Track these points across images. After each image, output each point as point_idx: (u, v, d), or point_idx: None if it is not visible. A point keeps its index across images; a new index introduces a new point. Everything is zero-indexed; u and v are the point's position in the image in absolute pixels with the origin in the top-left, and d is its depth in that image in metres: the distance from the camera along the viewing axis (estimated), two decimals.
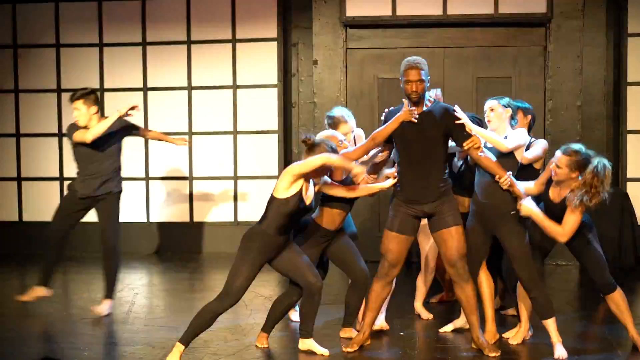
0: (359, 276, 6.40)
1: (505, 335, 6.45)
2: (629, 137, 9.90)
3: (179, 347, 5.81)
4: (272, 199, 5.85)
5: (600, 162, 5.81)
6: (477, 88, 9.90)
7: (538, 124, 9.68)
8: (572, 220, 5.82)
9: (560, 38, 9.67)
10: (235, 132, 10.47)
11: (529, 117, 6.85)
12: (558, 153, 5.91)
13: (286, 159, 10.37)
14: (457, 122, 5.98)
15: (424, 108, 6.03)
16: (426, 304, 7.40)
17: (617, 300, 6.11)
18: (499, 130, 6.27)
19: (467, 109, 9.88)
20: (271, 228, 5.82)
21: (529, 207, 5.92)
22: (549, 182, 6.03)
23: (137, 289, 8.52)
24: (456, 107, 6.07)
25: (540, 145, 6.64)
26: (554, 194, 5.98)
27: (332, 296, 7.65)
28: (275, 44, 10.32)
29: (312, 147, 5.97)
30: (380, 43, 10.05)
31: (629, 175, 9.91)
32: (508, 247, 6.09)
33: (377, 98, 10.03)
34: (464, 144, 5.96)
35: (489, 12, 9.79)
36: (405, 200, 6.05)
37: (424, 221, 6.26)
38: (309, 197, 5.89)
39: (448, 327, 6.75)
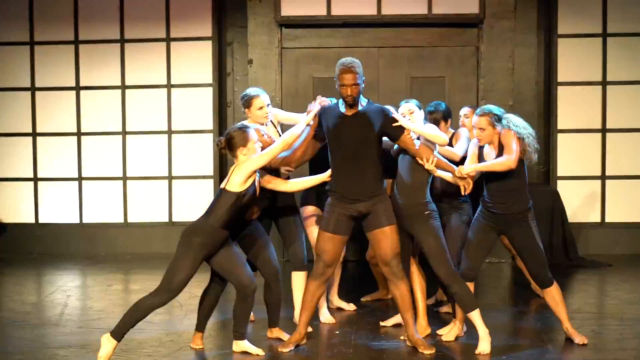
0: (271, 273, 6.38)
1: (439, 332, 6.51)
2: (560, 136, 10.08)
3: (112, 342, 5.71)
4: (225, 193, 5.81)
5: (509, 116, 6.16)
6: (411, 88, 9.99)
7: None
8: (511, 145, 6.02)
9: (493, 38, 9.81)
10: (169, 132, 10.39)
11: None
12: (475, 118, 6.14)
13: (221, 159, 10.34)
14: (394, 124, 6.01)
15: (359, 108, 6.05)
16: (358, 302, 7.48)
17: (554, 294, 6.23)
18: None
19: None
20: (219, 222, 5.80)
21: (467, 167, 6.07)
22: (480, 156, 6.20)
23: (70, 290, 8.41)
24: (392, 110, 6.11)
25: (464, 137, 6.87)
26: (491, 158, 6.14)
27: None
28: (210, 43, 10.27)
29: (231, 143, 5.91)
30: (315, 43, 10.07)
31: (559, 173, 10.09)
32: (424, 246, 6.15)
33: (312, 97, 10.01)
34: (399, 139, 6.06)
35: (422, 12, 9.88)
36: (339, 199, 6.07)
37: None
38: (257, 187, 5.94)
39: (388, 322, 6.81)
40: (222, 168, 10.37)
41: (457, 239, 6.58)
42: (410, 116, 6.47)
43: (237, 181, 5.81)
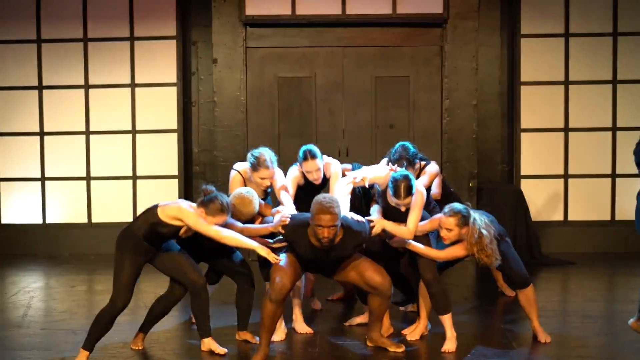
0: (244, 281, 6.36)
1: (404, 331, 6.54)
2: (523, 135, 10.16)
3: (84, 354, 5.80)
4: (154, 211, 5.81)
5: (476, 216, 6.03)
6: (376, 87, 10.01)
7: (436, 123, 9.90)
8: (457, 249, 6.11)
9: (457, 38, 9.86)
10: (133, 132, 10.33)
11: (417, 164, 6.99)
12: (443, 218, 6.04)
13: (186, 158, 10.30)
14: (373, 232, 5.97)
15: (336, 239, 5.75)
16: (325, 302, 7.48)
17: (530, 294, 6.28)
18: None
19: (366, 108, 10.08)
20: (140, 233, 5.82)
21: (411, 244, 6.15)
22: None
23: (33, 291, 8.34)
24: (367, 225, 5.95)
25: (427, 173, 6.97)
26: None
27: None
28: (174, 42, 10.22)
29: (206, 202, 5.79)
30: (280, 42, 10.06)
31: (523, 172, 10.16)
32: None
33: (277, 97, 10.04)
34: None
35: (387, 12, 9.90)
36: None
37: None
38: (181, 233, 5.91)
39: (353, 322, 6.83)
40: (186, 168, 10.33)
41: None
42: (364, 183, 6.34)
43: (167, 213, 5.77)
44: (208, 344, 6.09)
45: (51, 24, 10.25)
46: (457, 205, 6.07)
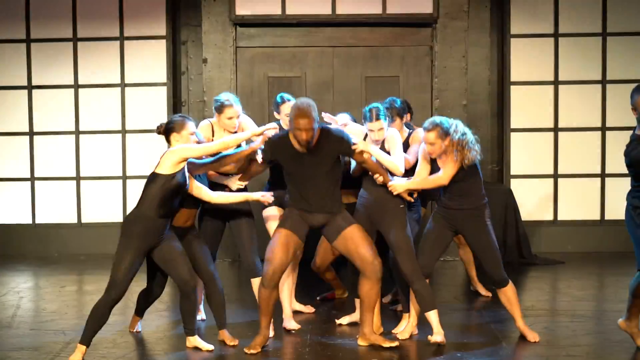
0: (208, 278, 6.33)
1: (393, 330, 6.54)
2: (513, 135, 10.18)
3: (81, 348, 5.80)
4: (156, 176, 5.85)
5: (456, 124, 6.12)
6: (366, 87, 10.03)
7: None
8: (449, 167, 6.09)
9: (446, 38, 9.88)
10: (123, 131, 10.32)
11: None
12: (423, 133, 6.12)
13: None
14: (354, 147, 6.00)
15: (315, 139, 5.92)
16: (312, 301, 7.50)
17: (509, 294, 6.28)
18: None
19: (356, 108, 10.06)
20: (151, 210, 5.82)
21: (399, 184, 6.15)
22: (433, 166, 6.21)
23: (23, 292, 8.31)
24: (352, 137, 6.05)
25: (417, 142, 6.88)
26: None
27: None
28: (164, 42, 10.21)
29: (167, 127, 6.08)
30: (270, 42, 10.06)
31: (512, 172, 10.19)
32: (392, 240, 6.20)
33: (267, 96, 10.03)
34: (355, 156, 6.08)
35: (377, 12, 9.92)
36: (299, 209, 6.06)
37: None
38: (187, 178, 6.01)
39: (344, 320, 6.83)
40: None
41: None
42: (344, 128, 6.40)
43: (166, 164, 5.85)
44: (193, 342, 6.13)
45: (41, 23, 10.23)
46: (436, 118, 6.17)
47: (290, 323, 6.73)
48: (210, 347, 6.12)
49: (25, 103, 10.30)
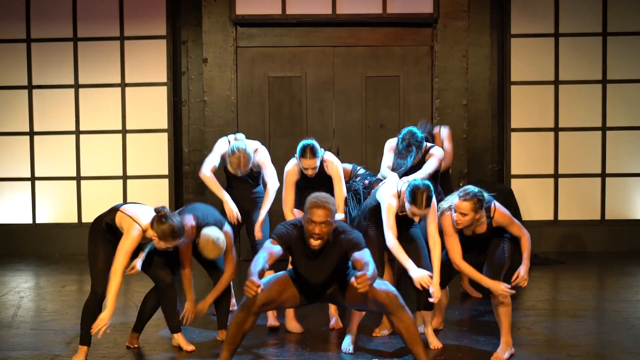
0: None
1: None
2: (513, 134, 10.18)
3: (82, 349, 5.84)
4: (115, 212, 5.94)
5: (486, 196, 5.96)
6: (366, 87, 10.03)
7: None
8: (513, 223, 6.11)
9: (447, 38, 9.88)
10: (124, 131, 10.32)
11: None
12: (456, 200, 5.82)
13: (176, 157, 10.29)
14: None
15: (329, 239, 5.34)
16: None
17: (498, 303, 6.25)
18: None
19: (357, 108, 10.08)
20: (103, 224, 5.95)
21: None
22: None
23: (23, 292, 8.32)
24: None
25: (436, 157, 6.82)
26: (470, 232, 6.06)
27: None
28: (164, 41, 10.21)
29: (158, 225, 5.68)
30: (270, 42, 10.07)
31: (513, 172, 10.19)
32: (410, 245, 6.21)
33: (267, 96, 10.04)
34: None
35: (377, 12, 9.92)
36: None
37: None
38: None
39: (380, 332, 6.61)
40: (177, 167, 10.32)
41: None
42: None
43: (121, 222, 5.86)
44: (178, 339, 6.18)
45: (41, 23, 10.23)
46: (472, 188, 5.87)
47: (293, 325, 6.70)
48: (190, 347, 6.14)
49: (25, 103, 10.31)
